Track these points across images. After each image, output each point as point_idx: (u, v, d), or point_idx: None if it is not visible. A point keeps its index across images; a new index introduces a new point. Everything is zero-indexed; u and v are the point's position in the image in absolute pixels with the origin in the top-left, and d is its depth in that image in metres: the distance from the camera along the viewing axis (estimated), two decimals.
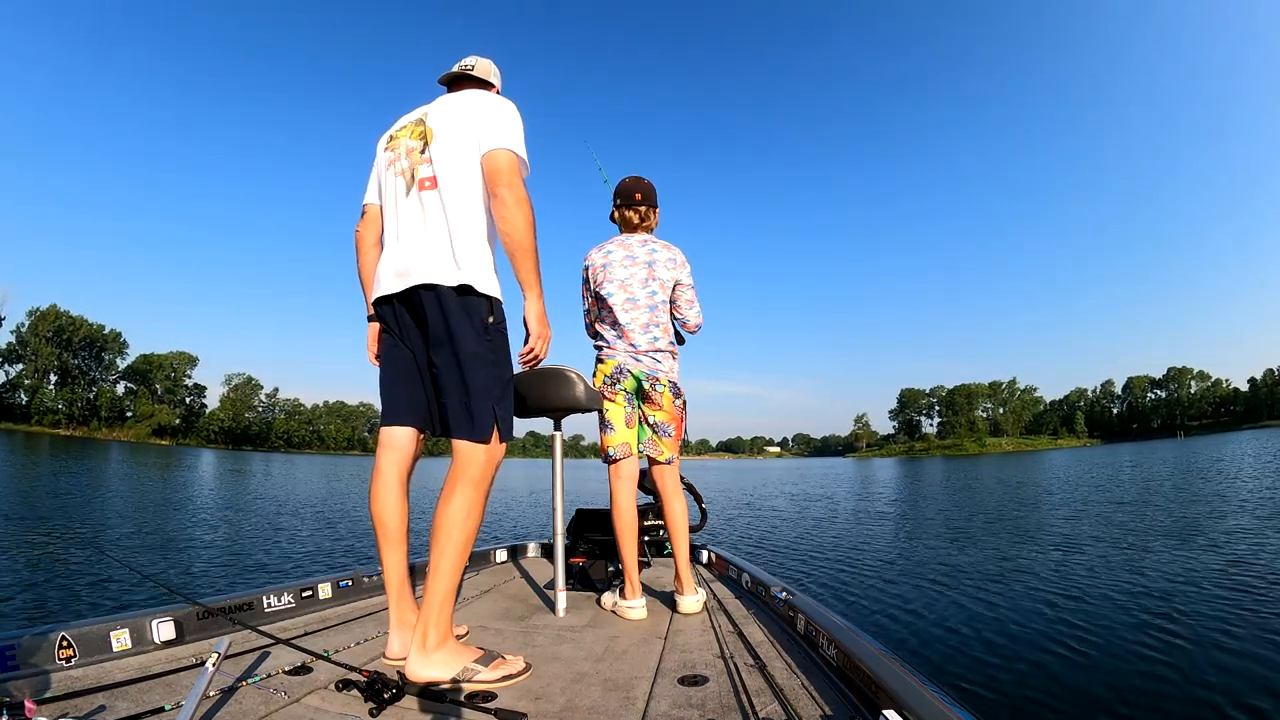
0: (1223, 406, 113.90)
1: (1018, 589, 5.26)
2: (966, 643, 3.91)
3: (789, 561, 7.10)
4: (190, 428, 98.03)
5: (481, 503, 1.66)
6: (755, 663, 1.72)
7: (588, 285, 2.51)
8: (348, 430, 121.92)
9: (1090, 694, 3.13)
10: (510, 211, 1.63)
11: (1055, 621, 4.29)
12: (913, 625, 4.37)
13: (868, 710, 1.34)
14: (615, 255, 2.47)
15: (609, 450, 2.44)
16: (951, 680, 3.34)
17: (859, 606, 4.96)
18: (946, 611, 4.66)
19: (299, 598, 2.24)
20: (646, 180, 2.55)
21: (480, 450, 1.65)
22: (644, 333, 2.43)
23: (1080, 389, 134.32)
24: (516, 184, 1.65)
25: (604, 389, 2.44)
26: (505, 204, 1.63)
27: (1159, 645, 3.73)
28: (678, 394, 2.50)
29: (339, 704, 1.45)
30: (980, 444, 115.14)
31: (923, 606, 4.84)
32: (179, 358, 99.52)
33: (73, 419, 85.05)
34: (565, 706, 1.46)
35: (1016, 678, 3.34)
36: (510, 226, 1.64)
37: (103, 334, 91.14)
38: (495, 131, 1.67)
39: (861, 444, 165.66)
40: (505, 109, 1.74)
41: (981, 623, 4.33)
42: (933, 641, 3.98)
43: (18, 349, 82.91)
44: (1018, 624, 4.27)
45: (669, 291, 2.48)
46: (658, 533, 3.36)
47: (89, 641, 1.65)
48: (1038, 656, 3.62)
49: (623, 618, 2.29)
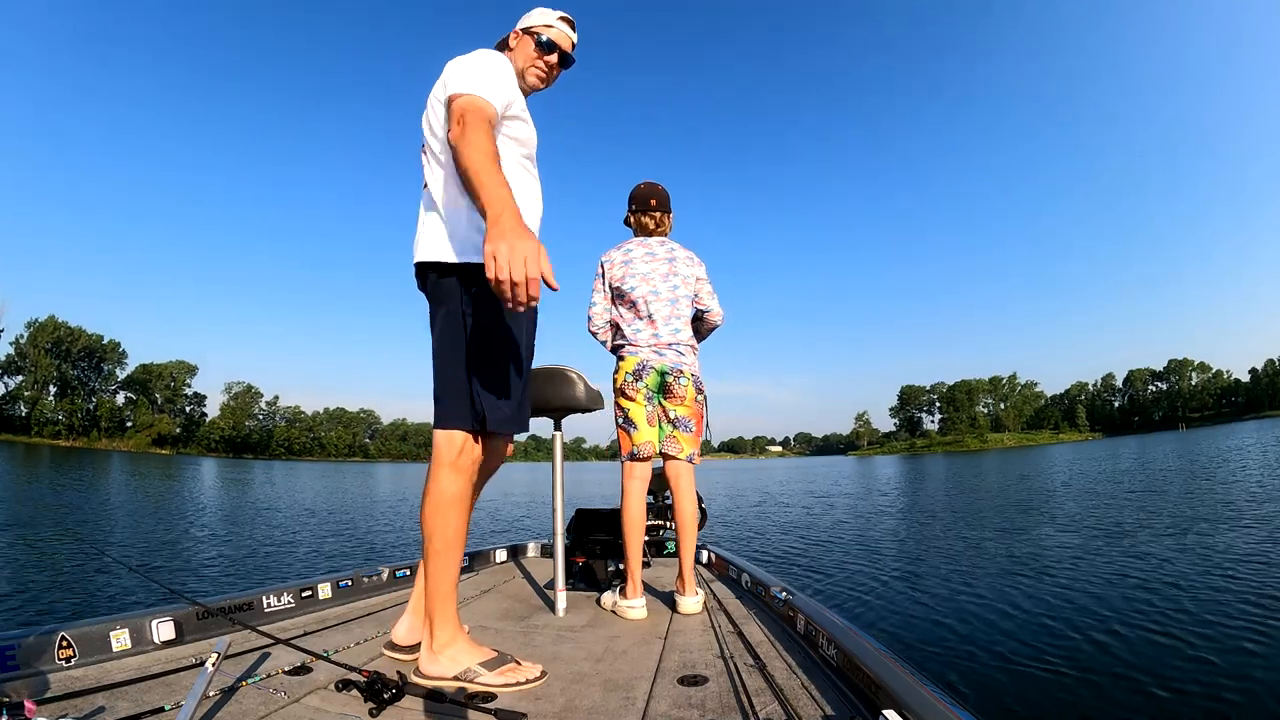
0: (1224, 398, 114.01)
1: (1019, 588, 5.24)
2: (967, 643, 3.90)
3: (789, 561, 7.09)
4: (190, 437, 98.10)
5: (459, 502, 1.57)
6: (755, 663, 1.72)
7: (603, 280, 2.53)
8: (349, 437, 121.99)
9: (1091, 693, 3.11)
10: (458, 149, 1.42)
11: (1056, 620, 4.28)
12: (913, 625, 4.36)
13: (868, 710, 1.34)
14: (636, 253, 2.51)
15: (634, 448, 2.44)
16: (951, 680, 3.33)
17: (859, 606, 4.96)
18: (947, 611, 4.65)
19: (299, 598, 2.25)
20: (661, 186, 2.59)
21: (455, 440, 1.57)
22: (666, 324, 2.46)
23: (1081, 383, 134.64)
24: (468, 117, 1.44)
25: (626, 386, 2.45)
26: (455, 145, 1.45)
27: (1161, 644, 3.71)
28: (699, 389, 2.53)
29: (339, 704, 1.45)
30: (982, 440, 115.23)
31: (923, 606, 4.83)
32: (178, 367, 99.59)
33: (73, 430, 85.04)
34: (565, 706, 1.46)
35: (1017, 677, 3.33)
36: (459, 159, 1.41)
37: (101, 344, 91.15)
38: (453, 80, 1.54)
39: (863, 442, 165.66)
40: (474, 56, 1.60)
41: (982, 622, 4.32)
42: (933, 641, 3.97)
43: (17, 360, 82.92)
44: (1018, 623, 4.25)
45: (690, 288, 2.52)
46: (658, 533, 3.36)
47: (89, 641, 1.66)
48: (1038, 656, 3.61)
49: (622, 617, 2.29)
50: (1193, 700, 2.96)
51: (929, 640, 4.00)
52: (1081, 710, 2.96)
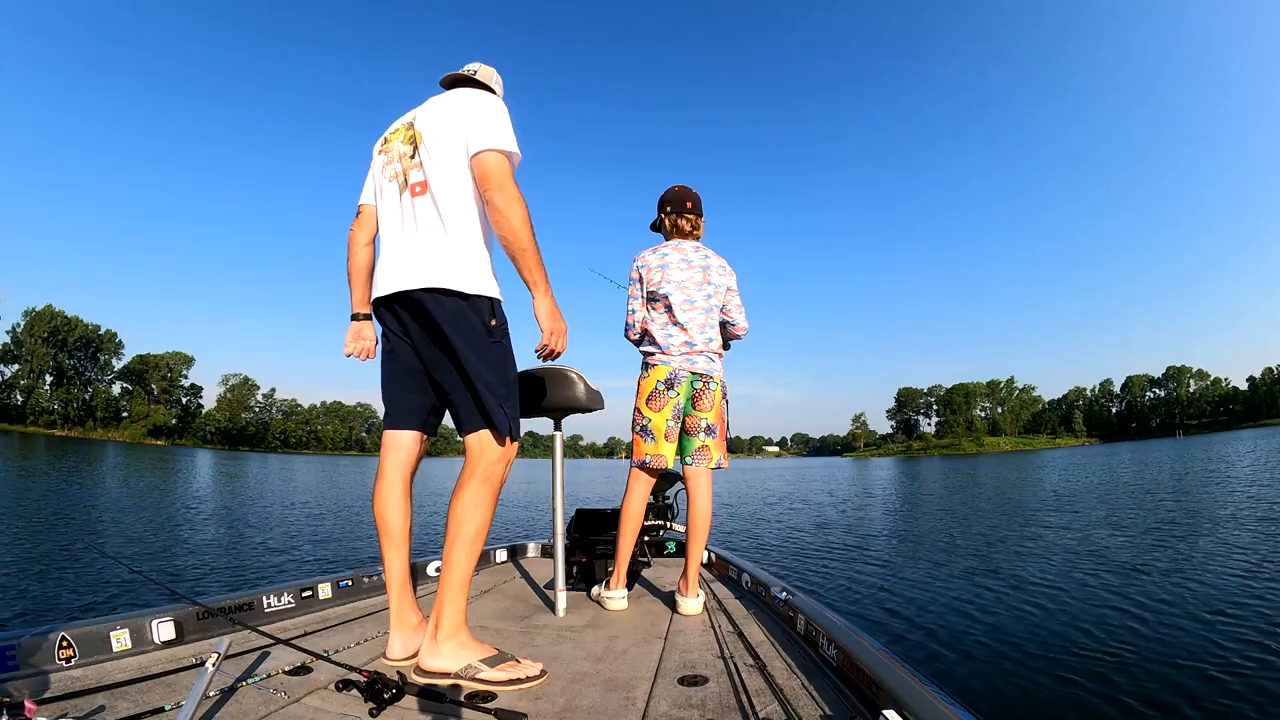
0: (1222, 405, 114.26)
1: (1018, 588, 5.26)
2: (967, 643, 3.91)
3: (788, 561, 7.10)
4: (186, 428, 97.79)
5: (490, 499, 1.69)
6: (755, 663, 1.73)
7: (639, 285, 2.51)
8: (345, 430, 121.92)
9: (1090, 692, 3.12)
10: (503, 215, 1.62)
11: (1056, 620, 4.29)
12: (913, 625, 4.37)
13: (868, 710, 1.34)
14: (672, 258, 2.49)
15: (644, 458, 2.44)
16: (952, 680, 3.34)
17: (859, 606, 4.97)
18: (947, 611, 4.66)
19: (299, 598, 2.25)
20: (694, 190, 2.59)
21: (488, 447, 1.68)
22: (700, 332, 2.46)
23: (1079, 388, 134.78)
24: (507, 185, 1.63)
25: (655, 395, 2.43)
26: (498, 208, 1.62)
27: (1160, 643, 3.73)
28: (724, 394, 2.55)
29: (339, 704, 1.45)
30: (978, 443, 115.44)
31: (923, 606, 4.84)
32: (175, 358, 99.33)
33: (68, 419, 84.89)
34: (565, 706, 1.46)
35: (1017, 677, 3.34)
36: (506, 229, 1.63)
37: (98, 334, 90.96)
38: (482, 132, 1.65)
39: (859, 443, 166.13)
40: (491, 105, 1.72)
41: (982, 622, 4.33)
42: (933, 641, 3.98)
43: (13, 349, 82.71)
44: (1018, 623, 4.27)
45: (721, 297, 2.52)
46: (658, 533, 3.36)
47: (89, 641, 1.65)
48: (1038, 656, 3.62)
49: (604, 607, 2.40)
50: (1193, 699, 2.97)
51: (929, 640, 4.01)
52: (1081, 710, 2.97)
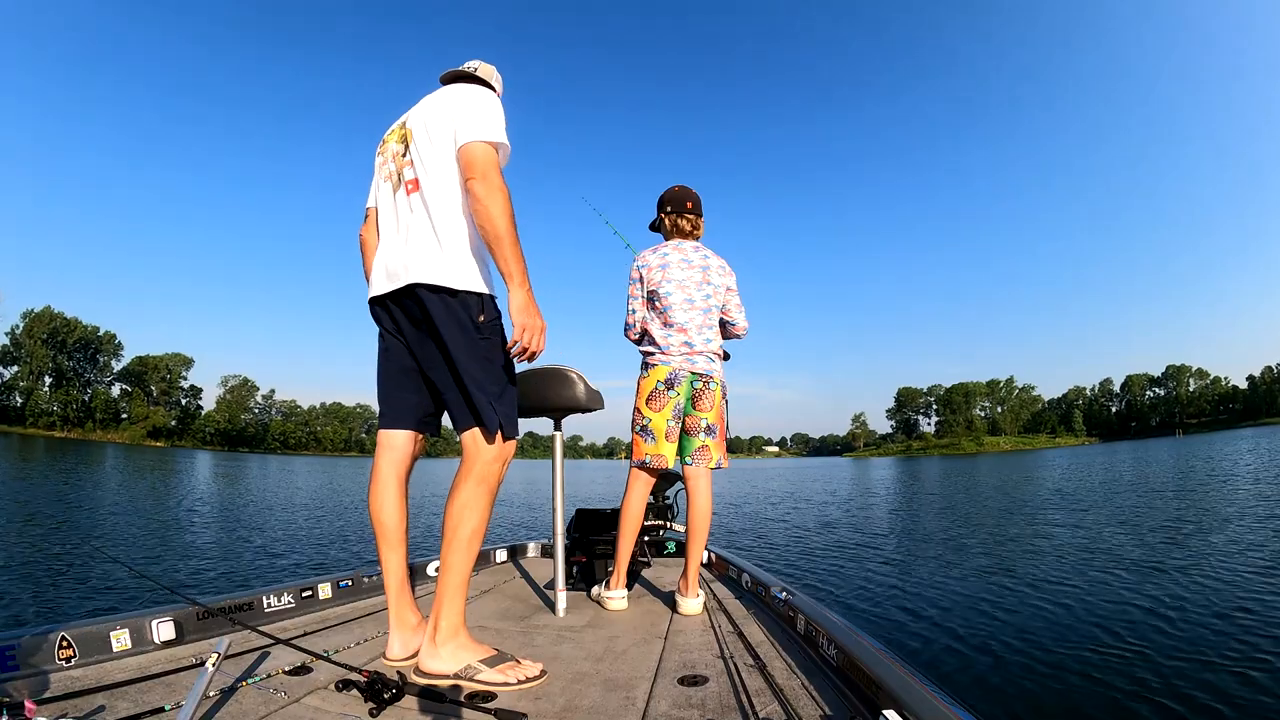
0: (1222, 404, 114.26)
1: (1017, 588, 5.26)
2: (967, 642, 3.91)
3: (799, 560, 7.10)
4: (186, 430, 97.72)
5: (486, 498, 1.68)
6: (755, 663, 1.73)
7: (640, 285, 2.51)
8: (345, 432, 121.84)
9: (1090, 692, 3.13)
10: (482, 204, 1.61)
11: (1055, 620, 4.30)
12: (913, 625, 4.37)
13: (868, 710, 1.34)
14: (672, 257, 2.49)
15: (644, 458, 2.44)
16: (952, 680, 3.34)
17: (859, 606, 4.97)
18: (947, 611, 4.66)
19: (299, 598, 2.24)
20: (694, 190, 2.59)
21: (482, 445, 1.67)
22: (699, 333, 2.46)
23: (1078, 387, 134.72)
24: (490, 175, 1.62)
25: (655, 395, 2.43)
26: (477, 197, 1.61)
27: (1160, 643, 3.73)
28: (724, 394, 2.55)
29: (339, 704, 1.45)
30: (978, 443, 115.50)
31: (923, 606, 4.84)
32: (174, 359, 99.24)
33: (67, 421, 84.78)
34: (565, 706, 1.46)
35: (1017, 677, 3.34)
36: (484, 217, 1.62)
37: (97, 336, 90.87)
38: (468, 124, 1.65)
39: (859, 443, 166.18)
40: (480, 98, 1.72)
41: (982, 622, 4.33)
42: (933, 641, 3.98)
43: (12, 351, 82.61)
44: (1018, 623, 4.27)
45: (721, 298, 2.52)
46: (658, 533, 3.37)
47: (89, 641, 1.65)
48: (1038, 656, 3.62)
49: (604, 607, 2.40)
50: (1192, 699, 2.97)
51: (929, 640, 4.01)
52: (1081, 709, 2.97)
